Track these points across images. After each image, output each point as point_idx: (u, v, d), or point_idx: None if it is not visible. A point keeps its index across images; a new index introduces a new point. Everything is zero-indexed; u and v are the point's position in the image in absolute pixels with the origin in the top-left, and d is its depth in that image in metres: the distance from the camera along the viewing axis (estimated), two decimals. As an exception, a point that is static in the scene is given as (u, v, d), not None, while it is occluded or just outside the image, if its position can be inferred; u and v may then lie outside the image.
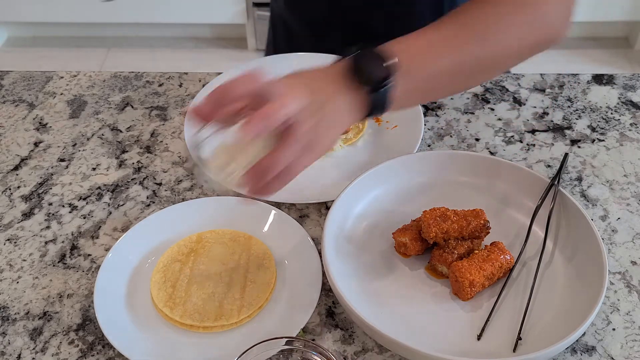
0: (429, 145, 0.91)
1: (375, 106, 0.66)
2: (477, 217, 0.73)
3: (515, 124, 0.95)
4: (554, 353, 0.62)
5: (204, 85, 1.01)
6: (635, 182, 0.86)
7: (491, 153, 0.90)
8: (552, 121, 0.95)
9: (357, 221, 0.78)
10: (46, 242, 0.80)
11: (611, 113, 0.96)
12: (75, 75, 1.06)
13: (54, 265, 0.77)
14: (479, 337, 0.67)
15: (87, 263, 0.78)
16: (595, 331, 0.69)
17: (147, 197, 0.85)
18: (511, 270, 0.72)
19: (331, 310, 0.72)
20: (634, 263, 0.76)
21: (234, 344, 0.68)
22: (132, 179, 0.88)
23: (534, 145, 0.91)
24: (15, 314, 0.72)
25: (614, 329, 0.69)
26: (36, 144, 0.94)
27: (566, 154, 0.86)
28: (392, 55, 0.65)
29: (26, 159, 0.92)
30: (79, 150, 0.93)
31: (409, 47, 0.68)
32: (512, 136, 0.93)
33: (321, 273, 0.72)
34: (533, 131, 0.93)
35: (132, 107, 1.00)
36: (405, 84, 0.66)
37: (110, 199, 0.85)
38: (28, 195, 0.86)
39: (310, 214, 0.82)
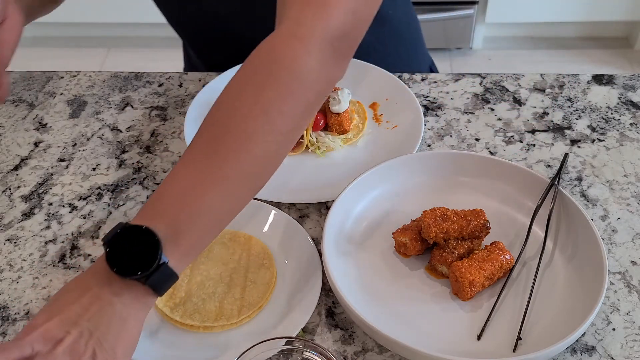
0: (429, 145, 0.91)
1: (159, 286, 0.57)
2: (477, 217, 0.73)
3: (515, 124, 0.95)
4: (554, 353, 0.62)
5: (204, 86, 1.01)
6: (635, 182, 0.86)
7: (491, 153, 0.90)
8: (552, 121, 0.95)
9: (357, 221, 0.78)
10: (46, 242, 0.80)
11: (611, 113, 0.96)
12: (75, 75, 1.06)
13: (54, 265, 0.77)
14: (479, 337, 0.67)
15: (87, 263, 0.77)
16: (595, 331, 0.69)
17: (147, 197, 0.85)
18: (511, 270, 0.72)
19: (331, 310, 0.72)
20: (634, 263, 0.76)
21: (234, 344, 0.68)
22: (132, 179, 0.88)
23: (534, 145, 0.91)
24: (15, 314, 0.72)
25: (614, 329, 0.69)
26: (36, 144, 0.94)
27: (566, 154, 0.86)
28: (148, 225, 0.56)
29: (26, 159, 0.92)
30: (79, 150, 0.93)
31: (167, 206, 0.59)
32: (512, 136, 0.93)
33: (321, 273, 0.72)
34: (533, 131, 0.93)
35: (132, 107, 1.00)
36: (179, 246, 0.58)
37: (110, 199, 0.85)
38: (28, 195, 0.86)
39: (310, 214, 0.82)
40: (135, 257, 0.56)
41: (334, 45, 0.64)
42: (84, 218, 0.83)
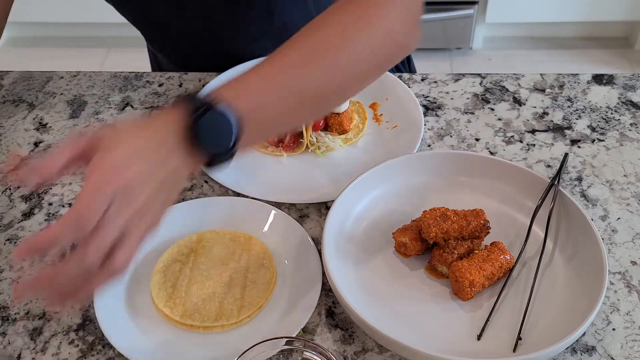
0: (429, 145, 0.91)
1: (218, 162, 0.60)
2: (477, 217, 0.73)
3: (515, 124, 0.95)
4: (554, 353, 0.62)
5: (203, 86, 1.01)
6: (635, 182, 0.86)
7: (491, 153, 0.90)
8: (552, 121, 0.95)
9: (357, 221, 0.78)
10: (46, 242, 0.80)
11: (611, 113, 0.96)
12: (75, 75, 1.06)
13: (54, 265, 0.77)
14: (479, 337, 0.67)
15: (87, 263, 0.77)
16: (595, 331, 0.69)
17: (147, 197, 0.85)
18: (511, 270, 0.72)
19: (331, 310, 0.72)
20: (634, 263, 0.76)
21: (234, 344, 0.68)
22: (132, 179, 0.88)
23: (534, 145, 0.91)
24: (15, 314, 0.72)
25: (614, 329, 0.69)
26: (36, 144, 0.94)
27: (566, 154, 0.86)
28: (230, 107, 0.58)
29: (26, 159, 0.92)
30: (79, 150, 0.92)
31: (249, 92, 0.61)
32: (512, 136, 0.93)
33: (321, 273, 0.72)
34: (533, 131, 0.93)
35: (132, 107, 1.00)
36: (247, 132, 0.60)
37: (110, 199, 0.85)
38: (28, 195, 0.86)
39: (310, 214, 0.82)
40: (214, 136, 0.58)
41: (410, 11, 0.69)
42: (84, 218, 0.83)
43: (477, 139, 0.92)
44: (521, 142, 0.92)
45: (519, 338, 0.66)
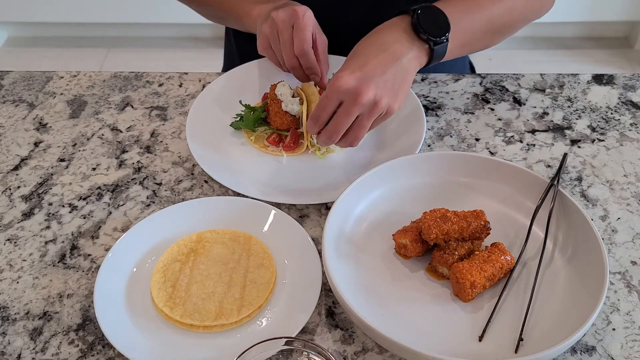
0: (429, 145, 0.91)
1: (437, 55, 0.78)
2: (477, 218, 0.73)
3: (515, 124, 0.95)
4: (556, 354, 0.62)
5: (204, 86, 1.01)
6: (635, 182, 0.86)
7: (491, 153, 0.90)
8: (552, 121, 0.95)
9: (357, 222, 0.78)
10: (46, 242, 0.80)
11: (611, 113, 0.96)
12: (75, 75, 1.06)
13: (54, 265, 0.77)
14: (480, 339, 0.67)
15: (87, 263, 0.77)
16: (595, 331, 0.69)
17: (147, 197, 0.85)
18: (512, 271, 0.72)
19: (331, 310, 0.72)
20: (634, 263, 0.76)
21: (234, 343, 0.68)
22: (132, 179, 0.88)
23: (534, 145, 0.91)
24: (15, 314, 0.72)
25: (614, 329, 0.69)
26: (36, 144, 0.94)
27: (565, 154, 0.86)
28: (445, 14, 0.78)
29: (26, 159, 0.92)
30: (79, 150, 0.93)
31: (451, 9, 0.80)
32: (512, 136, 0.93)
33: (321, 273, 0.72)
34: (533, 131, 0.93)
35: (132, 107, 1.00)
36: (452, 39, 0.79)
37: (110, 199, 0.85)
38: (28, 195, 0.86)
39: (310, 214, 0.82)
40: (431, 26, 0.77)
41: None
42: (84, 218, 0.83)
43: (477, 139, 0.92)
44: (521, 142, 0.92)
45: (521, 339, 0.66)
